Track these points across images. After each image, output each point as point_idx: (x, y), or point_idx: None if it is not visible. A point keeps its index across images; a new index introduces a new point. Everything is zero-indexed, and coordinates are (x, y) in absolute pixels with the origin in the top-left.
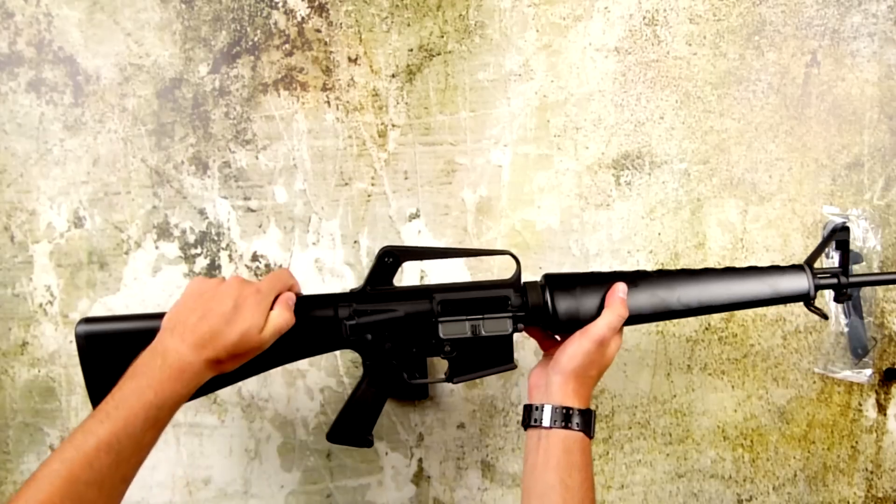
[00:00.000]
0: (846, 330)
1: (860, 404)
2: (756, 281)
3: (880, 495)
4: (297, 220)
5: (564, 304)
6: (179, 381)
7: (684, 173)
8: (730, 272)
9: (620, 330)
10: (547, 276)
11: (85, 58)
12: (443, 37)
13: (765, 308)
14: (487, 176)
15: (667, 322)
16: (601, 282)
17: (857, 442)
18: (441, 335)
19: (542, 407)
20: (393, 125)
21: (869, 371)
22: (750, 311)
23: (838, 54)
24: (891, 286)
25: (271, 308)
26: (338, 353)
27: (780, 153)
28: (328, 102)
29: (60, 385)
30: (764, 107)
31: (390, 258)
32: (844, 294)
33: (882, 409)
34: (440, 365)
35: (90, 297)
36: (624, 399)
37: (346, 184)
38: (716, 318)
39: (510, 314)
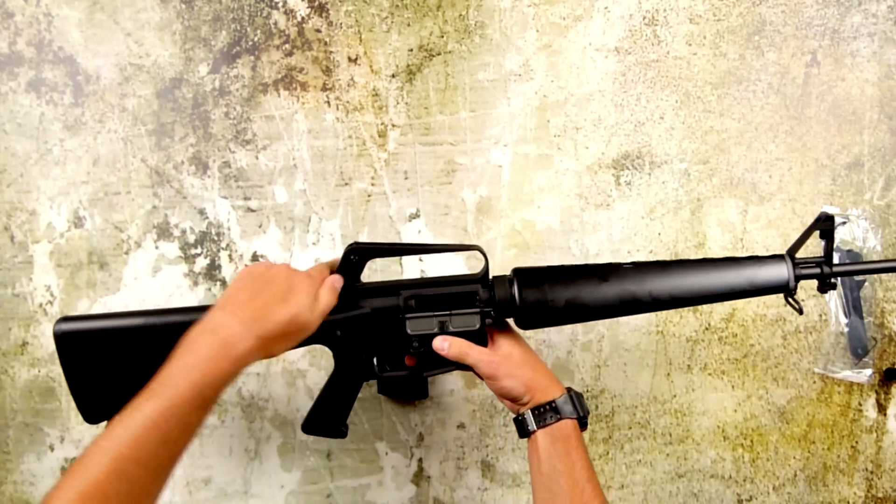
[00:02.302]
0: (846, 330)
1: (860, 404)
2: (732, 272)
3: (880, 495)
4: (297, 220)
5: (532, 298)
6: (227, 359)
7: (684, 173)
8: (705, 263)
9: (504, 332)
10: (516, 271)
11: (85, 58)
12: (443, 37)
13: (765, 307)
14: (487, 176)
15: (667, 322)
16: (569, 275)
17: (857, 442)
18: (409, 331)
19: (524, 414)
20: (393, 125)
21: (869, 371)
22: (750, 311)
23: (838, 54)
24: (890, 283)
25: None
26: None
27: (780, 153)
28: (328, 102)
29: (60, 385)
30: (764, 107)
31: (355, 256)
32: (829, 284)
33: (882, 409)
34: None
35: (90, 297)
36: (624, 399)
37: (346, 184)
38: (716, 318)
39: (478, 310)
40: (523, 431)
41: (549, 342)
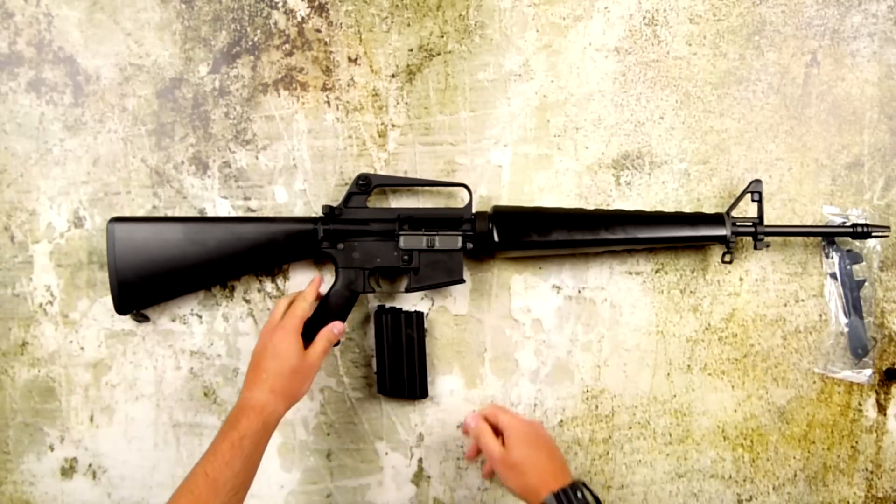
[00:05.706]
0: (846, 330)
1: (860, 404)
2: (682, 224)
3: (880, 495)
4: None
5: (506, 236)
6: (250, 418)
7: (684, 173)
8: (660, 215)
9: (521, 437)
10: (495, 208)
11: (85, 58)
12: (443, 37)
13: (765, 308)
14: (487, 176)
15: (667, 322)
16: (542, 221)
17: (857, 442)
18: (401, 246)
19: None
20: (393, 125)
21: (869, 371)
22: (750, 311)
23: (838, 54)
24: (890, 283)
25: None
26: (338, 353)
27: (780, 153)
28: (328, 102)
29: (60, 385)
30: (764, 107)
31: (364, 181)
32: (761, 241)
33: (882, 409)
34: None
35: (90, 297)
36: (624, 399)
37: (346, 184)
38: (716, 318)
39: (461, 233)
40: None
41: (549, 342)
